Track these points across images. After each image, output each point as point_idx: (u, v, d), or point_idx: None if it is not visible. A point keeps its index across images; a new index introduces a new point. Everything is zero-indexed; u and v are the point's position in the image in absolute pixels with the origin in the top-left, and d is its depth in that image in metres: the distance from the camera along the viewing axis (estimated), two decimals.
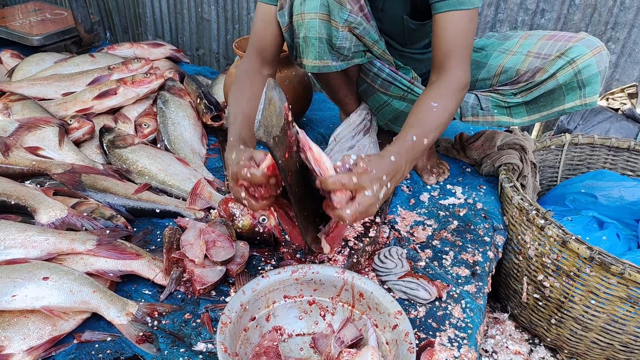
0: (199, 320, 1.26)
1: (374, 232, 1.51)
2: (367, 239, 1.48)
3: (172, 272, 1.34)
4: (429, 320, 1.30)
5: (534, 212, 1.52)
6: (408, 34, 1.64)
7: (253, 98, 1.40)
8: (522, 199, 1.58)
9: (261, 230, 1.45)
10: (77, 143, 1.87)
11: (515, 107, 1.59)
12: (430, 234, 1.61)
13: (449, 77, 1.36)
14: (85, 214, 1.46)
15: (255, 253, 1.46)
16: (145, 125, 2.00)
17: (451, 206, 1.75)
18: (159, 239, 1.51)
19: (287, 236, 1.53)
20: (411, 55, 1.71)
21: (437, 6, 1.37)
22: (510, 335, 1.71)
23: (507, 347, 1.65)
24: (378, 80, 1.67)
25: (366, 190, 1.07)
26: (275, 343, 1.14)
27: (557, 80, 1.48)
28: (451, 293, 1.39)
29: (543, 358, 1.65)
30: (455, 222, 1.66)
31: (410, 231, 1.62)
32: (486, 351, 1.63)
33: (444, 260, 1.50)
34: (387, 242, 1.56)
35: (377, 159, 1.13)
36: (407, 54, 1.71)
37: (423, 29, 1.60)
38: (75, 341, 1.19)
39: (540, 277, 1.54)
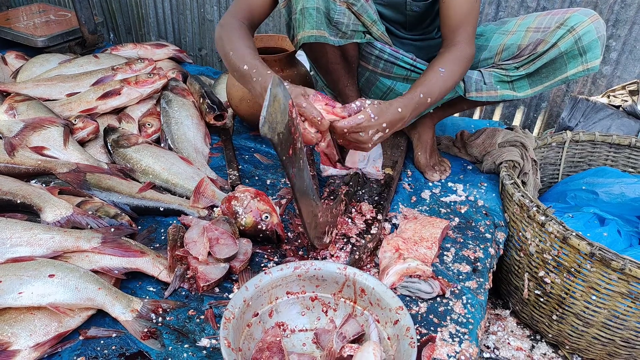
0: (202, 317, 1.27)
1: (376, 229, 1.52)
2: (369, 235, 1.49)
3: (176, 269, 1.36)
4: (430, 316, 1.31)
5: (535, 208, 1.53)
6: (410, 18, 1.66)
7: (253, 46, 1.46)
8: (522, 196, 1.59)
9: (264, 228, 1.46)
10: (82, 143, 1.89)
11: (518, 80, 1.63)
12: None
13: (457, 48, 1.52)
14: (90, 213, 1.48)
15: (258, 250, 1.47)
16: (148, 124, 2.01)
17: (452, 203, 1.76)
18: (162, 237, 1.52)
19: (289, 233, 1.55)
20: (411, 42, 1.73)
21: None
22: (511, 331, 1.72)
23: (508, 343, 1.66)
24: (380, 63, 1.67)
25: (361, 132, 1.31)
26: (278, 338, 1.15)
27: (558, 49, 1.53)
28: (452, 289, 1.40)
29: (545, 354, 1.66)
30: (457, 219, 1.67)
31: None
32: (488, 347, 1.64)
33: (445, 257, 1.51)
34: None
35: (386, 107, 1.34)
36: (407, 41, 1.72)
37: (426, 10, 1.64)
38: (80, 337, 1.20)
39: (541, 273, 1.55)
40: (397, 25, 1.70)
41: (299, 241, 1.51)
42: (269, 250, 1.48)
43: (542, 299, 1.60)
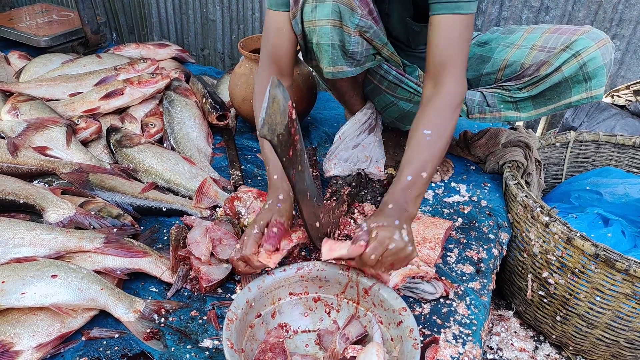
0: (205, 317, 1.27)
1: None
2: None
3: (178, 270, 1.36)
4: (434, 317, 1.31)
5: (539, 209, 1.52)
6: (412, 36, 1.64)
7: None
8: (526, 196, 1.58)
9: None
10: (85, 143, 1.89)
11: (522, 101, 1.59)
12: None
13: (445, 93, 1.30)
14: (92, 213, 1.48)
15: None
16: (151, 124, 2.01)
17: (456, 204, 1.75)
18: (165, 237, 1.52)
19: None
20: (417, 54, 1.72)
21: (435, 7, 1.33)
22: (515, 332, 1.71)
23: (512, 344, 1.65)
24: (385, 82, 1.67)
25: (390, 243, 1.12)
26: (280, 339, 1.15)
27: (562, 74, 1.47)
28: (456, 290, 1.39)
29: (548, 355, 1.65)
30: (460, 220, 1.67)
31: None
32: (491, 348, 1.64)
33: (448, 258, 1.51)
34: None
35: (380, 215, 1.17)
36: (413, 53, 1.71)
37: (426, 30, 1.60)
38: (83, 338, 1.20)
39: (545, 274, 1.55)
40: (403, 41, 1.69)
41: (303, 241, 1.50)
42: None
43: (545, 300, 1.59)
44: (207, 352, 1.18)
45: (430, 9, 1.35)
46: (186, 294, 1.34)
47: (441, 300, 1.36)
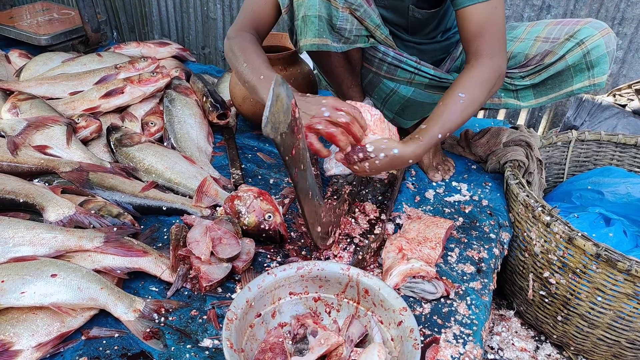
0: (205, 317, 1.27)
1: (379, 229, 1.51)
2: (373, 235, 1.48)
3: (178, 269, 1.35)
4: (434, 317, 1.30)
5: (540, 208, 1.51)
6: (412, 24, 1.64)
7: (266, 58, 1.48)
8: (527, 196, 1.57)
9: (267, 227, 1.46)
10: (85, 142, 1.88)
11: (523, 90, 1.62)
12: None
13: (483, 64, 1.40)
14: (92, 212, 1.48)
15: (261, 250, 1.47)
16: (151, 123, 2.01)
17: (456, 203, 1.75)
18: (165, 237, 1.52)
19: (292, 233, 1.54)
20: (415, 45, 1.71)
21: (459, 2, 1.38)
22: (516, 332, 1.71)
23: (513, 344, 1.65)
24: (384, 66, 1.66)
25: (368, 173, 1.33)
26: (280, 339, 1.15)
27: (566, 62, 1.50)
28: (456, 290, 1.39)
29: (549, 355, 1.65)
30: (461, 219, 1.66)
31: None
32: (492, 348, 1.63)
33: (449, 257, 1.50)
34: None
35: (392, 162, 1.31)
36: (411, 45, 1.71)
37: (429, 17, 1.60)
38: (83, 337, 1.20)
39: (546, 274, 1.54)
40: (400, 28, 1.68)
41: (302, 241, 1.50)
42: (272, 250, 1.48)
43: (546, 300, 1.58)
44: (206, 352, 1.17)
45: (453, 4, 1.41)
46: (186, 293, 1.33)
47: (442, 300, 1.35)
